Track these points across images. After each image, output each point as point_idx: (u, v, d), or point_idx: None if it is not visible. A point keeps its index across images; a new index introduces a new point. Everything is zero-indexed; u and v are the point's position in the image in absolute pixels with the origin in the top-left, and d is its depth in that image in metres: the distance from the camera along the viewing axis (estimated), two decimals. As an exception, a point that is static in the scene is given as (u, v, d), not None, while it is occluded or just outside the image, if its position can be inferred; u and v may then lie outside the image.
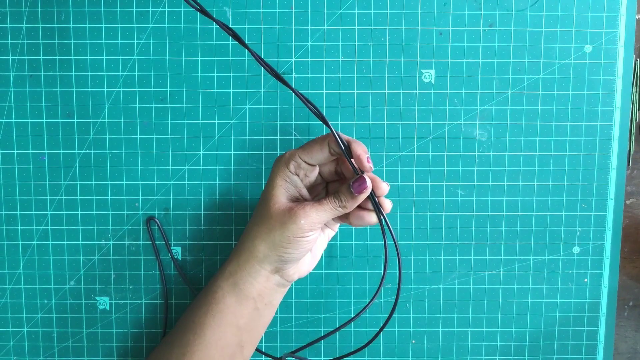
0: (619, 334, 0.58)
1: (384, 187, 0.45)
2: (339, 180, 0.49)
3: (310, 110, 0.45)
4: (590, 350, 0.57)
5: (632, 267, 0.58)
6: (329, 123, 0.44)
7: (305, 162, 0.45)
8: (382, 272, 0.48)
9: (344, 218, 0.48)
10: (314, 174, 0.47)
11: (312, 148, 0.45)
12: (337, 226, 0.51)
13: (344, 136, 0.45)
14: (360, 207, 0.46)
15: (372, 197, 0.45)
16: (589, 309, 0.57)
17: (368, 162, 0.44)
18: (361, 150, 0.44)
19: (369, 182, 0.44)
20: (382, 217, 0.46)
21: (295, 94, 0.45)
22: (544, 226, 0.56)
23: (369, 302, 0.51)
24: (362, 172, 0.45)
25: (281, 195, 0.46)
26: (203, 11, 0.45)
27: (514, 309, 0.56)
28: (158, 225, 0.54)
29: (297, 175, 0.46)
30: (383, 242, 0.47)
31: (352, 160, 0.45)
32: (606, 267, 0.56)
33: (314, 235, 0.45)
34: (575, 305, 0.57)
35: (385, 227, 0.46)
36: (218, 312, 0.47)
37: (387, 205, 0.46)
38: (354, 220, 0.47)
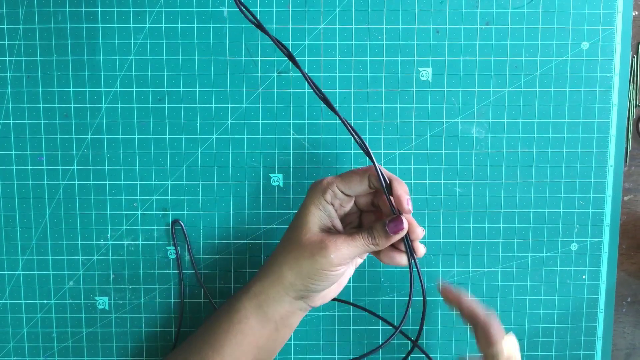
0: (617, 330, 0.58)
1: (419, 232, 0.44)
2: (374, 212, 0.48)
3: (357, 142, 0.45)
4: (589, 346, 0.57)
5: (630, 263, 0.58)
6: (374, 158, 0.44)
7: (343, 192, 0.45)
8: (404, 311, 0.48)
9: (378, 256, 0.47)
10: (349, 205, 0.47)
11: (351, 179, 0.44)
12: (365, 254, 0.49)
13: (387, 172, 0.45)
14: (393, 246, 0.46)
15: (407, 239, 0.44)
16: (587, 305, 0.57)
17: (408, 204, 0.43)
18: (402, 190, 0.43)
19: (405, 224, 0.43)
20: (412, 261, 0.45)
21: (343, 122, 0.44)
22: (542, 223, 0.56)
23: (392, 334, 0.50)
24: (400, 213, 0.44)
25: (313, 225, 0.45)
26: (260, 27, 0.45)
27: (513, 306, 0.56)
28: (182, 228, 0.54)
29: (333, 205, 0.45)
30: (409, 284, 0.47)
31: (392, 198, 0.44)
32: (604, 264, 0.56)
33: (343, 269, 0.45)
34: (574, 301, 0.57)
35: (415, 271, 0.46)
36: (239, 332, 0.47)
37: (420, 250, 0.45)
38: (384, 258, 0.46)
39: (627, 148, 0.56)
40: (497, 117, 0.54)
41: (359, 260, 0.49)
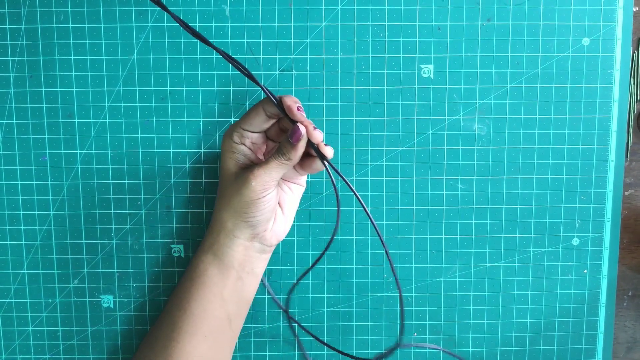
0: (619, 323, 0.59)
1: (317, 134, 0.46)
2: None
3: (240, 71, 0.46)
4: (590, 340, 0.58)
5: (631, 257, 0.58)
6: (259, 82, 0.45)
7: (247, 130, 0.47)
8: (335, 223, 0.49)
9: (299, 170, 0.49)
10: (261, 140, 0.48)
11: (249, 116, 0.47)
12: (303, 180, 0.52)
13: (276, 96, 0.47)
14: (309, 157, 0.47)
15: (312, 144, 0.46)
16: (589, 299, 0.57)
17: (298, 110, 0.45)
18: (291, 101, 0.45)
19: (302, 130, 0.45)
20: (324, 161, 0.47)
21: (222, 54, 0.45)
22: (544, 218, 0.56)
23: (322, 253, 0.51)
24: (296, 122, 0.45)
25: (232, 166, 0.47)
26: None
27: (515, 301, 0.57)
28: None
29: (244, 144, 0.47)
30: (336, 197, 0.48)
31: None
32: (605, 258, 0.57)
33: (270, 193, 0.47)
34: (575, 296, 0.57)
35: (332, 171, 0.47)
36: (202, 284, 0.49)
37: (328, 151, 0.46)
38: (306, 170, 0.48)
39: (627, 143, 0.56)
40: (498, 114, 0.54)
41: (300, 189, 0.51)
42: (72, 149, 0.54)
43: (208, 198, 0.55)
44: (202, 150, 0.54)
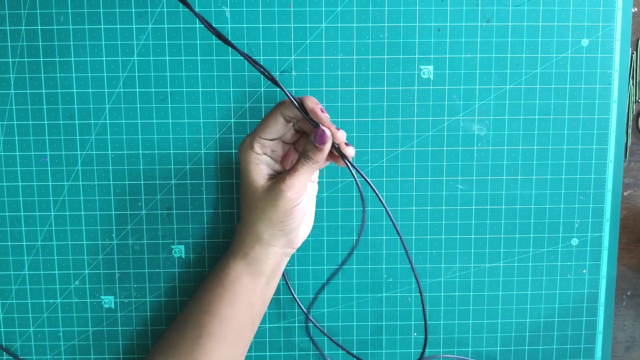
0: (618, 323, 0.59)
1: (340, 135, 0.46)
2: (302, 136, 0.49)
3: (264, 75, 0.46)
4: (589, 339, 0.58)
5: (629, 257, 0.58)
6: (281, 85, 0.45)
7: (267, 139, 0.47)
8: (361, 223, 0.49)
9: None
10: (280, 147, 0.48)
11: (267, 123, 0.46)
12: (316, 176, 0.52)
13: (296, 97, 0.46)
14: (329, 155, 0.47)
15: (334, 145, 0.46)
16: (588, 299, 0.57)
17: (322, 112, 0.45)
18: (313, 103, 0.45)
19: (327, 132, 0.45)
20: (347, 161, 0.47)
21: (245, 57, 0.45)
22: (543, 219, 0.56)
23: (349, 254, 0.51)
24: (319, 124, 0.45)
25: (260, 178, 0.47)
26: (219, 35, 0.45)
27: (514, 301, 0.57)
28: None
29: (265, 154, 0.47)
30: (357, 186, 0.49)
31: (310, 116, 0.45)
32: (604, 258, 0.57)
33: (303, 200, 0.47)
34: (574, 296, 0.57)
35: (354, 171, 0.47)
36: (232, 292, 0.49)
37: (349, 151, 0.46)
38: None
39: (626, 143, 0.57)
40: (498, 114, 0.55)
41: (314, 187, 0.51)
42: (72, 150, 0.54)
43: (208, 199, 0.55)
44: (203, 151, 0.54)
